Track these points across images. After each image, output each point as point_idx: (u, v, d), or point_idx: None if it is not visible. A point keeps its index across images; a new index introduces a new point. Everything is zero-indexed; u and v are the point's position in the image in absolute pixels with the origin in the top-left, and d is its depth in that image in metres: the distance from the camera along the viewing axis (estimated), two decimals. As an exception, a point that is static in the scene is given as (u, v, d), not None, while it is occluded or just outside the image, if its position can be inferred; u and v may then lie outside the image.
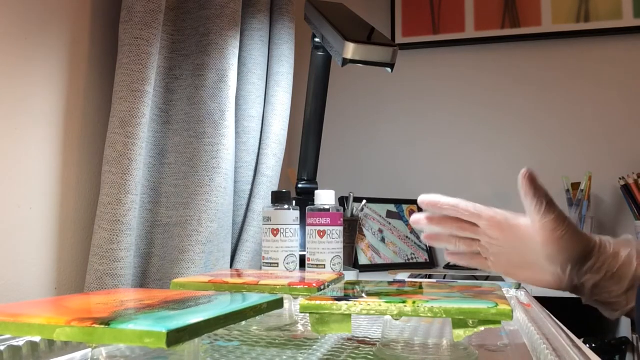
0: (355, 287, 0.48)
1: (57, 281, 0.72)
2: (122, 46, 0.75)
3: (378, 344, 0.44)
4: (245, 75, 1.01)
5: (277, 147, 1.03)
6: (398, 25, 1.63)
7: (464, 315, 0.36)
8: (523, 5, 1.55)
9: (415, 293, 0.42)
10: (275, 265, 0.77)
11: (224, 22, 0.88)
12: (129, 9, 0.76)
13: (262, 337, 0.48)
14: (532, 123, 1.53)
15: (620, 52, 1.50)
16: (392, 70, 0.85)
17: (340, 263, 0.79)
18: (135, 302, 0.37)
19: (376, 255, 1.37)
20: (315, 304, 0.39)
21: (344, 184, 1.56)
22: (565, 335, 0.44)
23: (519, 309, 0.60)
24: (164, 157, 0.87)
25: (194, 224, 0.81)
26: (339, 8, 0.96)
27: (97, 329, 0.28)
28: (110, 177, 0.72)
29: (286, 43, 1.07)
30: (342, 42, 0.81)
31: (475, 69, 1.59)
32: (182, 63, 0.89)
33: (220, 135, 0.86)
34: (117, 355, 0.37)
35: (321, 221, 0.77)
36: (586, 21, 1.50)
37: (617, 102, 1.48)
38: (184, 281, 0.52)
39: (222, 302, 0.37)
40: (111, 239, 0.70)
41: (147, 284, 0.82)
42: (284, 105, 1.05)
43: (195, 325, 0.29)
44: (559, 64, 1.53)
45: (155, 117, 0.86)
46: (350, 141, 1.65)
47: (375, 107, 1.65)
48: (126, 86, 0.73)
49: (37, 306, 0.35)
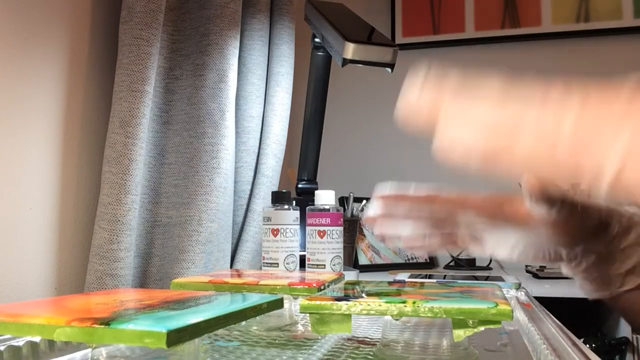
0: (355, 287, 0.48)
1: (57, 281, 0.72)
2: (122, 46, 0.75)
3: (378, 344, 0.44)
4: (245, 75, 1.01)
5: (277, 147, 1.03)
6: (398, 25, 1.63)
7: (464, 315, 0.36)
8: (523, 5, 1.55)
9: (415, 293, 0.42)
10: (275, 265, 0.77)
11: (224, 22, 0.88)
12: (129, 9, 0.76)
13: (262, 337, 0.48)
14: (532, 123, 1.53)
15: (620, 52, 1.50)
16: (392, 70, 0.85)
17: (340, 263, 0.79)
18: (135, 302, 0.37)
19: (376, 256, 1.37)
20: (315, 304, 0.39)
21: (344, 184, 1.56)
22: (565, 335, 0.44)
23: (519, 309, 0.60)
24: (164, 157, 0.87)
25: (194, 224, 0.81)
26: (339, 8, 0.96)
27: (97, 329, 0.28)
28: (110, 177, 0.72)
29: (286, 43, 1.07)
30: (342, 42, 0.81)
31: (475, 69, 1.59)
32: (182, 63, 0.89)
33: (220, 136, 0.86)
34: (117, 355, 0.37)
35: (321, 221, 0.77)
36: (586, 21, 1.50)
37: (617, 102, 1.48)
38: (184, 281, 0.52)
39: (222, 302, 0.37)
40: (111, 239, 0.70)
41: (147, 284, 0.82)
42: (284, 105, 1.05)
43: (195, 325, 0.29)
44: (559, 64, 1.53)
45: (155, 117, 0.86)
46: (350, 141, 1.65)
47: (375, 107, 1.65)
48: (126, 86, 0.73)
49: (37, 306, 0.35)
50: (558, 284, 1.03)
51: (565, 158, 0.20)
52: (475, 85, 0.23)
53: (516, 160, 0.21)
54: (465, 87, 0.23)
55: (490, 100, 0.23)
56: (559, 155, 0.20)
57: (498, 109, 0.22)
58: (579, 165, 0.20)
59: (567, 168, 0.20)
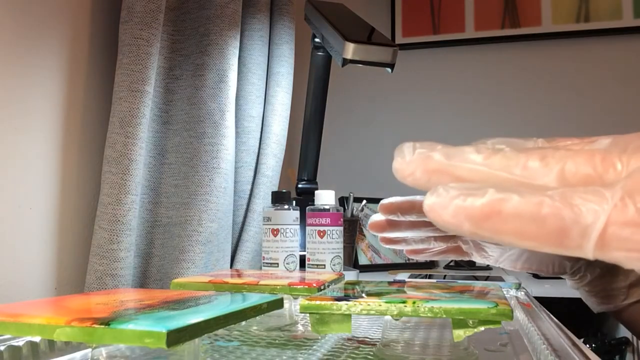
0: (355, 287, 0.48)
1: (57, 281, 0.72)
2: (122, 46, 0.75)
3: (378, 344, 0.44)
4: (245, 75, 1.01)
5: (277, 147, 1.03)
6: (398, 25, 1.63)
7: (464, 315, 0.36)
8: (523, 5, 1.55)
9: (415, 293, 0.42)
10: (275, 265, 0.77)
11: (224, 22, 0.88)
12: (129, 9, 0.76)
13: (262, 337, 0.48)
14: (532, 123, 1.53)
15: (620, 52, 1.50)
16: (392, 70, 0.85)
17: (340, 263, 0.79)
18: (135, 302, 0.37)
19: (376, 256, 1.37)
20: (315, 304, 0.38)
21: (344, 184, 1.56)
22: (565, 335, 0.44)
23: (519, 309, 0.60)
24: (164, 157, 0.87)
25: (194, 224, 0.81)
26: (339, 8, 0.96)
27: (97, 329, 0.28)
28: (110, 177, 0.72)
29: (286, 43, 1.07)
30: (342, 42, 0.81)
31: (475, 69, 1.59)
32: (182, 63, 0.89)
33: (220, 136, 0.86)
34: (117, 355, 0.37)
35: (321, 221, 0.77)
36: (586, 21, 1.50)
37: (618, 102, 1.48)
38: (184, 281, 0.52)
39: (222, 302, 0.37)
40: (111, 239, 0.70)
41: (147, 284, 0.82)
42: (284, 105, 1.05)
43: (195, 325, 0.29)
44: (559, 64, 1.53)
45: (155, 117, 0.86)
46: (350, 141, 1.65)
47: (375, 107, 1.65)
48: (126, 86, 0.73)
49: (37, 306, 0.35)
50: (558, 284, 1.03)
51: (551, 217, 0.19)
52: (460, 153, 0.22)
53: (505, 220, 0.20)
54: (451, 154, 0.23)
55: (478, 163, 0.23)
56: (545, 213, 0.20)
57: (485, 168, 0.22)
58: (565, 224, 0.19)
59: (553, 227, 0.20)
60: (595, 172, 0.20)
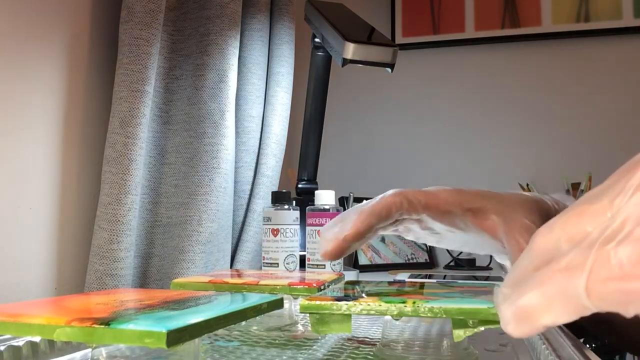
0: (355, 287, 0.48)
1: (57, 281, 0.72)
2: (122, 46, 0.75)
3: (378, 344, 0.44)
4: (245, 75, 1.01)
5: (277, 147, 1.03)
6: (398, 25, 1.63)
7: (464, 315, 0.36)
8: (523, 5, 1.55)
9: (415, 293, 0.42)
10: (275, 265, 0.77)
11: (224, 22, 0.88)
12: (129, 9, 0.76)
13: (262, 337, 0.48)
14: (532, 123, 1.53)
15: (620, 52, 1.50)
16: (392, 70, 0.85)
17: (340, 263, 0.79)
18: (135, 302, 0.37)
19: (376, 255, 1.37)
20: (315, 304, 0.38)
21: (344, 184, 1.56)
22: (565, 335, 0.44)
23: (519, 309, 0.60)
24: (164, 157, 0.87)
25: (194, 224, 0.81)
26: (339, 8, 0.97)
27: (97, 329, 0.28)
28: (110, 177, 0.72)
29: (286, 43, 1.07)
30: (342, 42, 0.81)
31: (475, 69, 1.59)
32: (182, 63, 0.89)
33: (220, 136, 0.86)
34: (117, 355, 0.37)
35: (321, 221, 0.77)
36: (586, 21, 1.50)
37: (617, 102, 1.48)
38: (184, 281, 0.52)
39: (222, 302, 0.37)
40: (111, 239, 0.70)
41: (147, 284, 0.82)
42: (284, 105, 1.05)
43: (195, 325, 0.29)
44: (559, 64, 1.53)
45: (155, 117, 0.86)
46: (350, 141, 1.65)
47: (376, 107, 1.65)
48: (126, 86, 0.73)
49: (37, 306, 0.35)
50: (558, 284, 1.03)
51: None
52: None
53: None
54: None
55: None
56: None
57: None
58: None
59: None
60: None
